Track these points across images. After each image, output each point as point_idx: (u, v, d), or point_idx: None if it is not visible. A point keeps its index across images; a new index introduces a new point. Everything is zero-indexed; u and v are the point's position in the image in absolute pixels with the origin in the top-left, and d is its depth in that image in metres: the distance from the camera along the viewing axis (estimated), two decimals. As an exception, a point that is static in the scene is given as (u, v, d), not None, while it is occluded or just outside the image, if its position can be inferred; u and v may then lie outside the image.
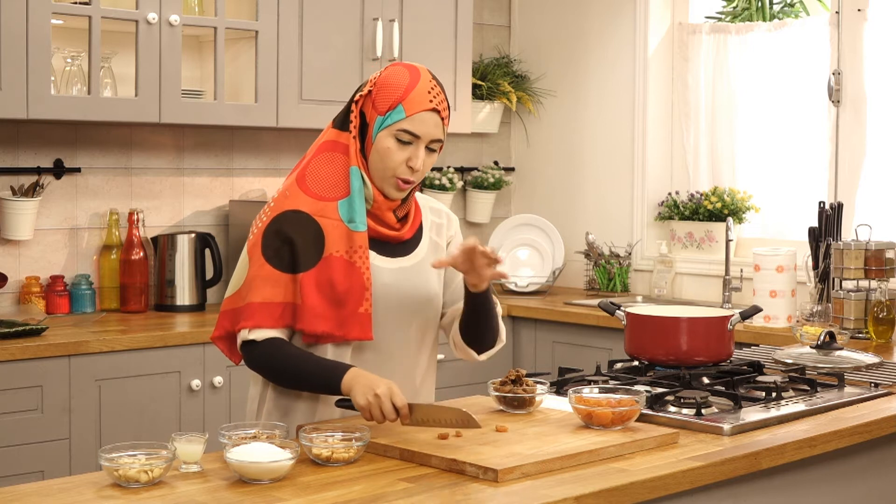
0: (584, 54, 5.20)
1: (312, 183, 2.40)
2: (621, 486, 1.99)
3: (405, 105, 2.35)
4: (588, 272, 5.04)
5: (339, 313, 2.35)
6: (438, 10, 4.68)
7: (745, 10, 5.01)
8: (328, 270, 2.34)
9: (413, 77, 2.38)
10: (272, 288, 2.35)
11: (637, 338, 2.90)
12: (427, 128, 2.37)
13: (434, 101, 2.37)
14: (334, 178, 2.39)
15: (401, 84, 2.37)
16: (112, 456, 1.96)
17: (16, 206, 3.99)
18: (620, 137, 5.07)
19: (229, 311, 2.40)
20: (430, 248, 2.53)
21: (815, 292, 4.01)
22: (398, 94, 2.36)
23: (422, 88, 2.37)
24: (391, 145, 2.37)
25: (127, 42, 3.99)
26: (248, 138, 4.61)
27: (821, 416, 2.56)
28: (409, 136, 2.36)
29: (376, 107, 2.38)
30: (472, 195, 5.27)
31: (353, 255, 2.36)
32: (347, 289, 2.35)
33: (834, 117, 4.44)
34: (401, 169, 2.38)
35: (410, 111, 2.35)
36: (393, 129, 2.36)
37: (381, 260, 2.43)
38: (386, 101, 2.37)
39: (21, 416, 3.48)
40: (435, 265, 2.40)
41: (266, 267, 2.35)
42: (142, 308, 4.22)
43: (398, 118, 2.35)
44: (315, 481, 1.99)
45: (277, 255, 2.36)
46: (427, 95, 2.37)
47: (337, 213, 2.37)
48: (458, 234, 2.61)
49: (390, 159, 2.37)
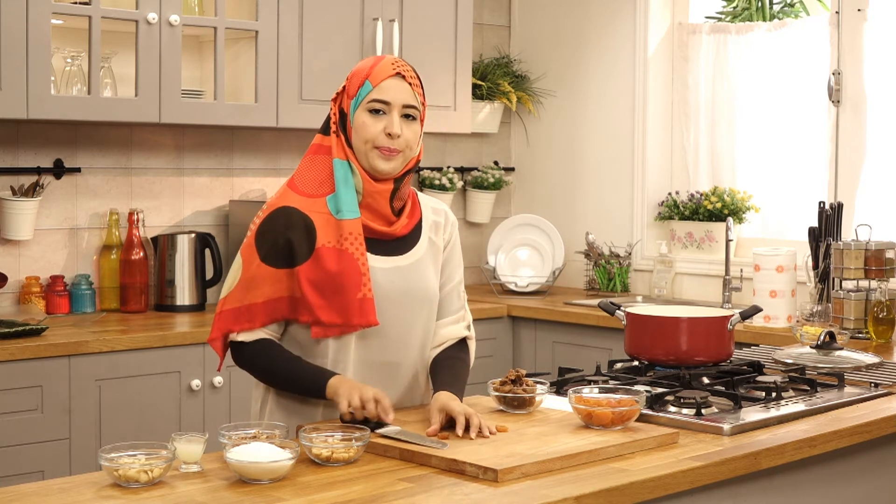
0: (584, 54, 5.20)
1: (301, 183, 2.45)
2: (621, 486, 1.99)
3: (371, 79, 2.42)
4: (588, 272, 5.04)
5: (339, 302, 2.37)
6: (438, 10, 4.68)
7: (745, 10, 5.01)
8: (320, 262, 2.37)
9: (378, 58, 2.46)
10: (269, 286, 2.38)
11: (637, 338, 2.90)
12: (396, 93, 2.42)
13: (398, 67, 2.43)
14: (321, 177, 2.44)
15: (366, 66, 2.45)
16: (112, 456, 1.96)
17: (16, 206, 3.99)
18: (620, 137, 5.07)
19: (227, 311, 2.41)
20: (428, 246, 2.52)
21: (815, 292, 4.01)
22: (364, 73, 2.43)
23: (385, 62, 2.44)
24: (366, 119, 2.41)
25: (127, 42, 3.99)
26: (248, 138, 4.61)
27: (821, 416, 2.56)
28: (379, 104, 2.41)
29: (348, 93, 2.45)
30: (472, 195, 5.27)
31: (342, 243, 2.38)
32: (341, 277, 2.36)
33: (834, 117, 4.44)
34: (380, 138, 2.41)
35: (376, 81, 2.41)
36: (364, 104, 2.42)
37: (377, 259, 2.43)
38: (355, 84, 2.44)
39: (21, 416, 3.48)
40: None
41: (262, 266, 2.39)
42: (142, 308, 4.22)
43: (366, 92, 2.41)
44: (315, 481, 1.99)
45: (272, 252, 2.39)
46: (391, 67, 2.43)
47: (325, 207, 2.41)
48: (454, 237, 2.60)
49: (367, 131, 2.41)
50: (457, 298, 2.59)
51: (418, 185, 5.09)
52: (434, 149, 5.18)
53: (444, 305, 2.56)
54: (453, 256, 2.59)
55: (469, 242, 5.21)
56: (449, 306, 2.57)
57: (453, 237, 2.60)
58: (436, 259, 2.54)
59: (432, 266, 2.52)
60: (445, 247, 2.57)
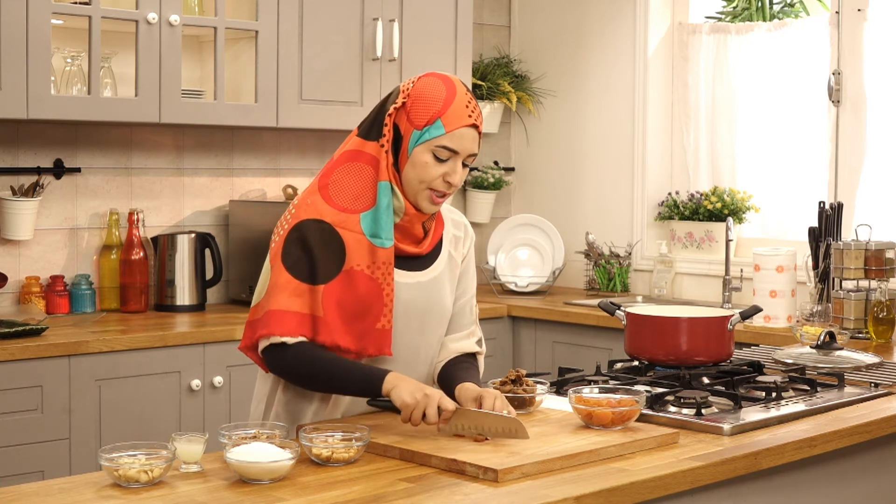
0: (584, 54, 5.20)
1: (335, 193, 2.35)
2: (621, 486, 1.99)
3: (444, 121, 2.31)
4: (588, 272, 5.04)
5: (358, 328, 2.32)
6: (438, 10, 4.68)
7: (745, 10, 5.01)
8: (348, 284, 2.31)
9: (450, 90, 2.33)
10: (290, 297, 2.30)
11: (637, 338, 2.90)
12: (465, 143, 2.33)
13: (472, 115, 2.33)
14: (358, 190, 2.35)
15: (438, 98, 2.32)
16: (112, 456, 1.96)
17: (16, 206, 3.99)
18: (620, 137, 5.07)
19: (254, 320, 2.36)
20: (447, 262, 2.49)
21: (815, 292, 4.01)
22: (436, 109, 2.31)
23: (459, 103, 2.32)
24: (429, 160, 2.32)
25: (127, 42, 3.99)
26: (248, 138, 4.61)
27: (821, 416, 2.55)
28: (447, 153, 2.32)
29: (412, 120, 2.33)
30: (472, 195, 5.27)
31: (375, 271, 2.32)
32: (367, 304, 2.32)
33: (834, 117, 4.44)
34: (437, 182, 2.33)
35: (450, 127, 2.31)
36: (431, 144, 2.31)
37: (399, 274, 2.38)
38: (423, 115, 2.32)
39: (21, 416, 3.48)
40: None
41: (285, 275, 2.31)
42: (142, 308, 4.22)
43: (437, 134, 2.31)
44: (315, 481, 1.99)
45: (297, 264, 2.32)
46: (465, 110, 2.32)
47: (359, 225, 2.33)
48: (471, 251, 2.56)
49: (427, 174, 2.32)
50: (469, 313, 2.55)
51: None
52: (434, 149, 5.18)
53: (455, 320, 2.52)
54: (469, 270, 2.55)
55: (469, 242, 5.21)
56: (461, 321, 2.53)
57: (470, 251, 2.56)
58: (453, 274, 2.50)
59: (449, 282, 2.48)
60: (462, 260, 2.53)
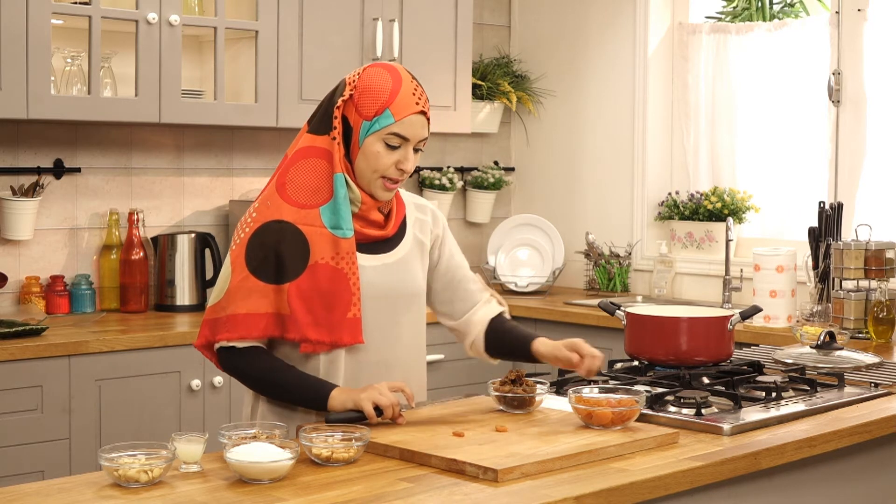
0: (584, 54, 5.20)
1: (293, 191, 2.39)
2: (621, 486, 1.99)
3: (392, 110, 2.36)
4: (588, 272, 5.04)
5: (328, 319, 2.35)
6: (438, 10, 4.68)
7: (745, 10, 5.01)
8: (314, 278, 2.35)
9: (395, 80, 2.38)
10: (256, 299, 2.34)
11: (637, 338, 2.90)
12: (415, 129, 2.38)
13: (420, 102, 2.39)
14: (315, 185, 2.39)
15: (384, 88, 2.37)
16: (112, 456, 1.96)
17: (16, 206, 3.99)
18: (620, 137, 5.07)
19: (211, 320, 2.39)
20: (413, 244, 2.52)
21: (815, 292, 4.01)
22: (384, 99, 2.36)
23: (406, 91, 2.38)
24: (380, 149, 2.37)
25: (127, 42, 3.99)
26: (248, 138, 4.61)
27: (821, 416, 2.56)
28: (398, 140, 2.37)
29: (361, 112, 2.38)
30: (472, 195, 5.27)
31: (339, 262, 2.36)
32: (335, 295, 2.35)
33: (834, 117, 4.44)
34: (390, 171, 2.39)
35: (399, 116, 2.36)
36: (382, 133, 2.37)
37: (364, 258, 2.42)
38: (371, 106, 2.37)
39: (21, 416, 3.48)
40: None
41: (250, 279, 2.35)
42: (142, 308, 4.22)
43: (387, 123, 2.36)
44: (315, 481, 1.99)
45: (261, 266, 2.35)
46: (412, 98, 2.38)
47: (320, 219, 2.37)
48: (446, 231, 2.61)
49: (380, 163, 2.38)
50: (473, 282, 2.61)
51: (418, 186, 5.09)
52: (434, 149, 5.18)
53: (464, 295, 2.60)
54: (450, 248, 2.60)
55: (469, 242, 5.21)
56: (471, 296, 2.60)
57: (444, 231, 2.60)
58: (423, 255, 2.54)
59: (419, 263, 2.52)
60: (436, 243, 2.57)
